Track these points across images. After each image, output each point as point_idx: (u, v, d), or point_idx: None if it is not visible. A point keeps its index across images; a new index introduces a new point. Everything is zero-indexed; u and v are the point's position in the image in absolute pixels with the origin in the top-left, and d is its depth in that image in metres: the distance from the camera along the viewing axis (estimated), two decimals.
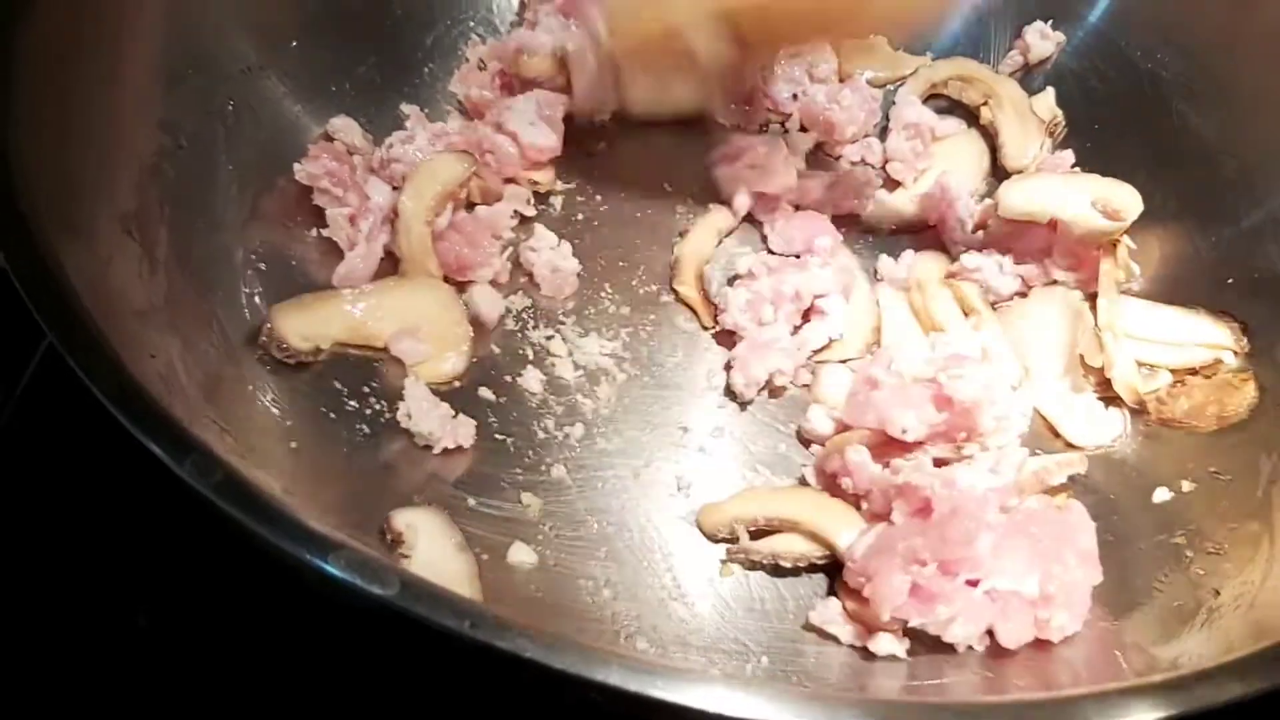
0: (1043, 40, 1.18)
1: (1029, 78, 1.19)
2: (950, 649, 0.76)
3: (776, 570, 0.85)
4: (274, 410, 0.86)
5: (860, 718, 0.51)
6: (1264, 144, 1.00)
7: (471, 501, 0.87)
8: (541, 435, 0.92)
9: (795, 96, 1.14)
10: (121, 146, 0.84)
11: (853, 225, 1.08)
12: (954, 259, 1.04)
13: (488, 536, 0.85)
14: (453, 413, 0.90)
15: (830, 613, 0.80)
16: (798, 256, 1.03)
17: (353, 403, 0.90)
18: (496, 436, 0.92)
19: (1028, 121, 1.13)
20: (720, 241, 1.07)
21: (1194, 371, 0.96)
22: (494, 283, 1.01)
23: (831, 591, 0.83)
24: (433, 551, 0.78)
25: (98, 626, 0.85)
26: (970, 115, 1.16)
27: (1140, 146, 1.09)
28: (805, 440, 0.94)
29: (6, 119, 0.71)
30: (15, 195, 0.67)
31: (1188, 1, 1.10)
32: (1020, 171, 1.10)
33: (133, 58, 0.85)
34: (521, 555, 0.84)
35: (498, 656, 0.51)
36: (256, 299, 0.91)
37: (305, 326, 0.90)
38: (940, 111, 1.16)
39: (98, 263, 0.74)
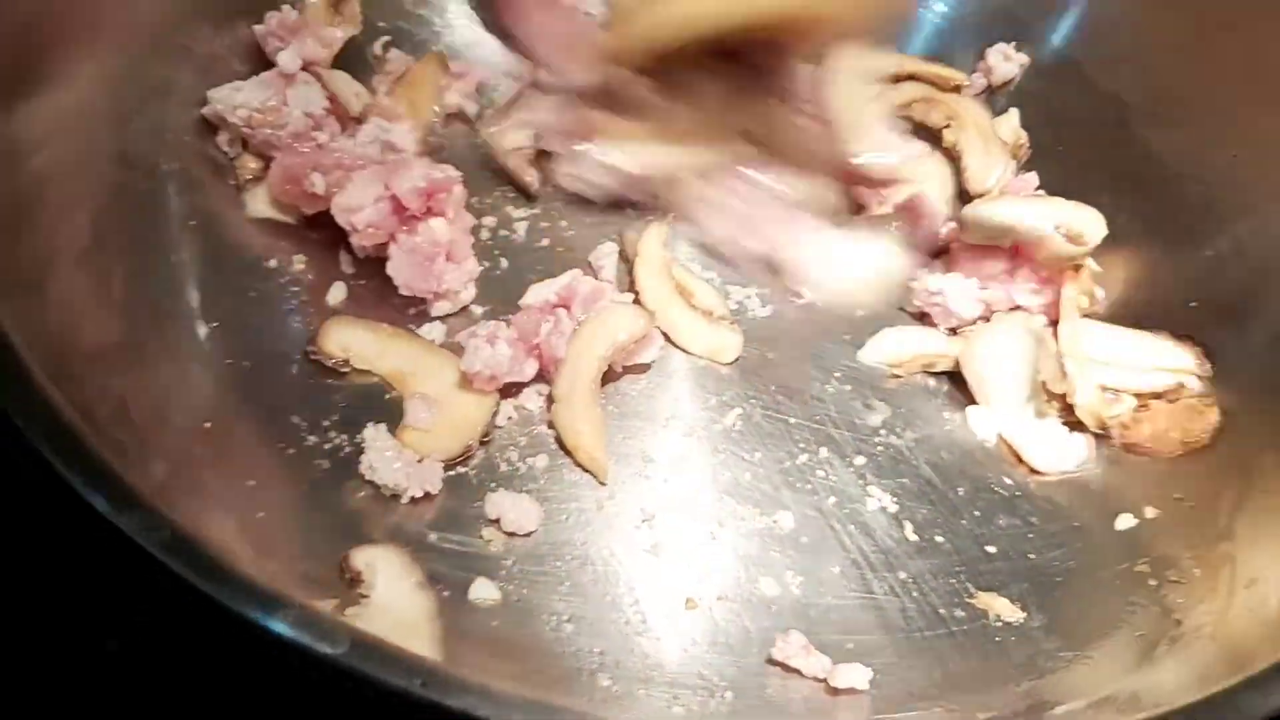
0: (1006, 62, 1.18)
1: (992, 99, 1.19)
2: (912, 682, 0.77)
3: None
4: (233, 447, 0.85)
5: None
6: (1227, 168, 1.00)
7: (433, 537, 0.86)
8: (505, 467, 0.91)
9: None
10: (77, 180, 0.83)
11: None
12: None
13: (449, 573, 0.83)
14: (417, 458, 0.88)
15: (792, 647, 0.80)
16: None
17: (312, 437, 0.89)
18: (458, 469, 0.91)
19: (991, 144, 1.13)
20: None
21: (1157, 396, 0.96)
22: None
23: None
24: (391, 591, 0.77)
25: (67, 651, 0.84)
26: (934, 138, 1.16)
27: (1103, 169, 1.09)
28: None
29: None
30: None
31: (1150, 24, 1.10)
32: (984, 194, 1.10)
33: (87, 83, 0.85)
34: (483, 592, 0.83)
35: (450, 714, 0.50)
36: (213, 336, 0.90)
37: (355, 344, 0.93)
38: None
39: (45, 305, 0.73)
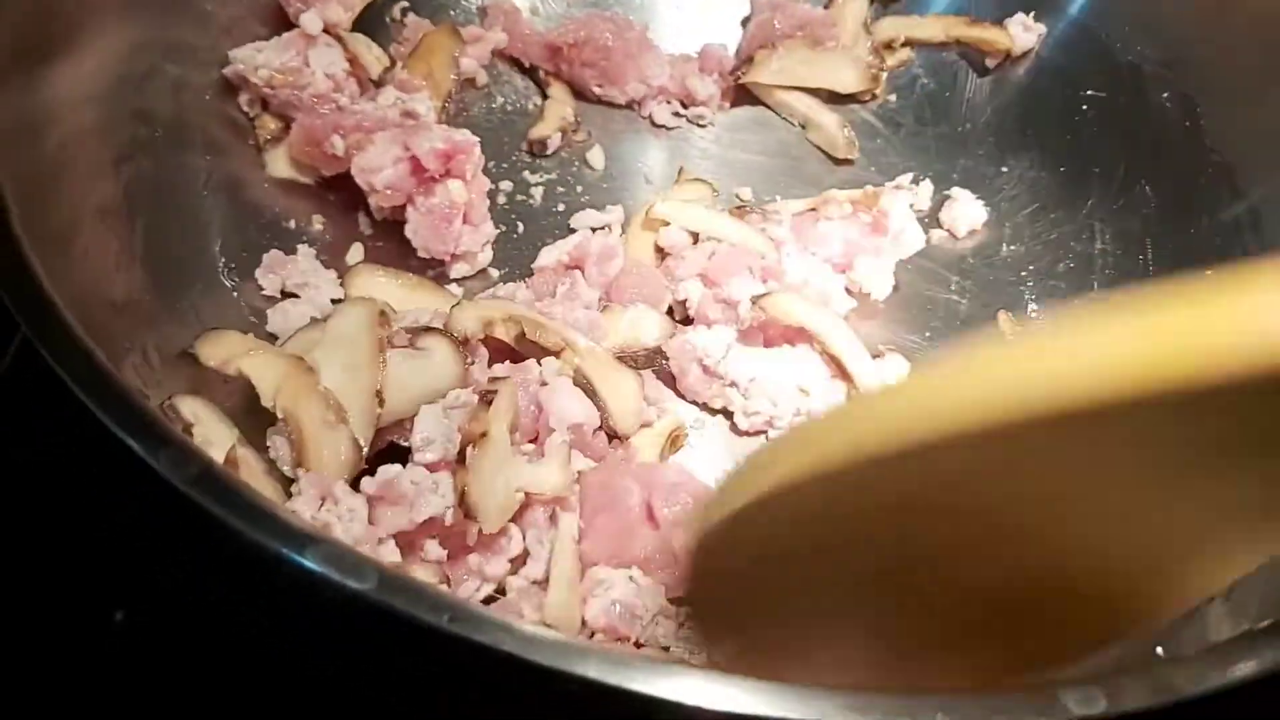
0: (1025, 32, 1.18)
1: (1011, 69, 1.19)
2: None
3: None
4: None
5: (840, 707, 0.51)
6: (1244, 136, 1.00)
7: None
8: None
9: None
10: (95, 138, 0.82)
11: None
12: None
13: None
14: None
15: None
16: None
17: None
18: None
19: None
20: None
21: None
22: None
23: None
24: None
25: (75, 622, 0.84)
26: None
27: (1121, 138, 1.09)
28: None
29: None
30: None
31: None
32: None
33: (105, 43, 0.84)
34: None
35: (475, 650, 0.50)
36: (235, 293, 0.91)
37: (377, 292, 0.90)
38: None
39: (73, 256, 0.73)
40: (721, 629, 0.63)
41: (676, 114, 1.16)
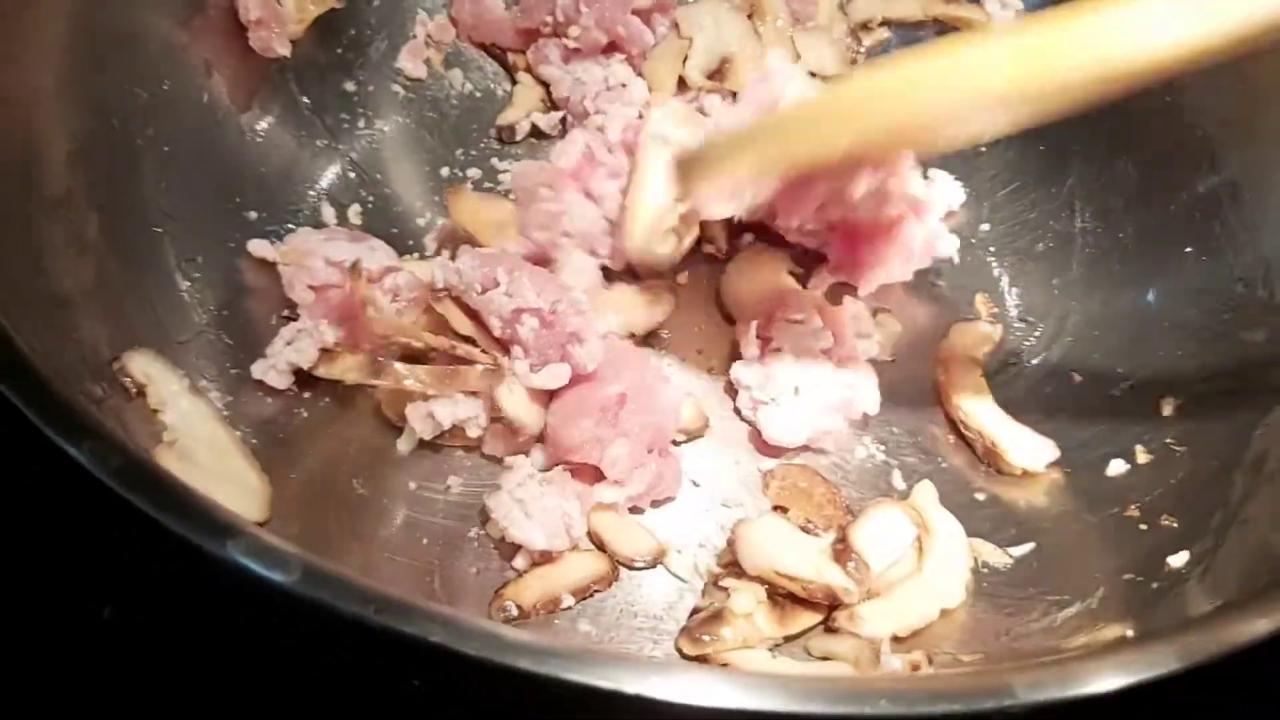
0: (1002, 9, 1.15)
1: None
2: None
3: None
4: (210, 396, 0.84)
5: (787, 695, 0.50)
6: (1222, 108, 0.98)
7: (411, 485, 0.86)
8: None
9: None
10: (47, 126, 0.81)
11: None
12: None
13: (431, 521, 0.84)
14: None
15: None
16: None
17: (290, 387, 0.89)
18: None
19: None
20: None
21: None
22: None
23: None
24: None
25: (62, 619, 0.83)
26: None
27: (1100, 115, 1.05)
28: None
29: None
30: None
31: None
32: None
33: (55, 31, 0.82)
34: None
35: (403, 641, 0.49)
36: (190, 284, 0.89)
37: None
38: None
39: (23, 244, 0.72)
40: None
41: None
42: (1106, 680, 0.51)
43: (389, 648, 0.73)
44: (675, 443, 0.89)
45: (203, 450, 0.77)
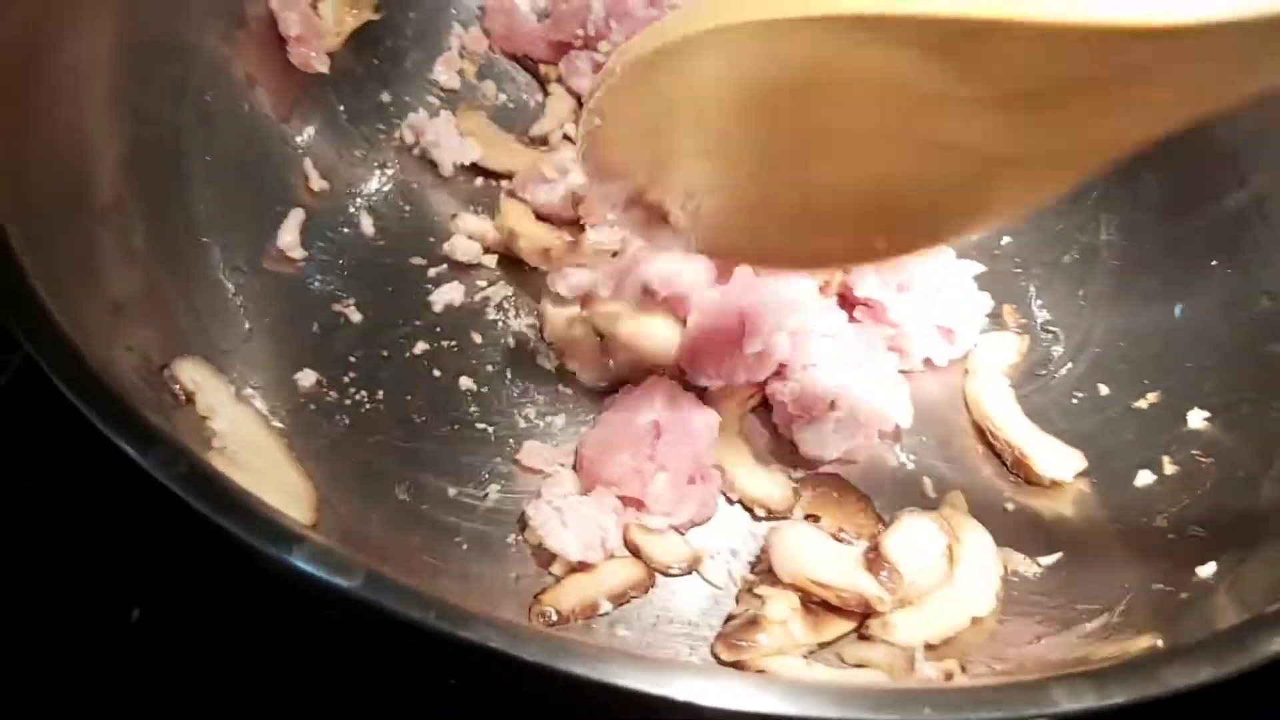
0: None
1: None
2: None
3: None
4: (256, 404, 0.86)
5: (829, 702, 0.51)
6: (1248, 122, 0.97)
7: (452, 491, 0.87)
8: (523, 424, 0.92)
9: None
10: (94, 136, 0.83)
11: None
12: None
13: (470, 526, 0.85)
14: None
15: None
16: None
17: (333, 393, 0.90)
18: (478, 425, 0.92)
19: None
20: None
21: None
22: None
23: None
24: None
25: (91, 620, 0.85)
26: None
27: None
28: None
29: None
30: None
31: None
32: None
33: (102, 44, 0.84)
34: None
35: (462, 646, 0.51)
36: (236, 291, 0.91)
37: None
38: None
39: (69, 256, 0.74)
40: (618, 164, 0.71)
41: None
42: (1141, 689, 0.53)
43: (423, 650, 0.75)
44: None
45: (251, 456, 0.79)
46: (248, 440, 0.81)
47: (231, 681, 0.83)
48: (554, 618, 0.79)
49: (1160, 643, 0.72)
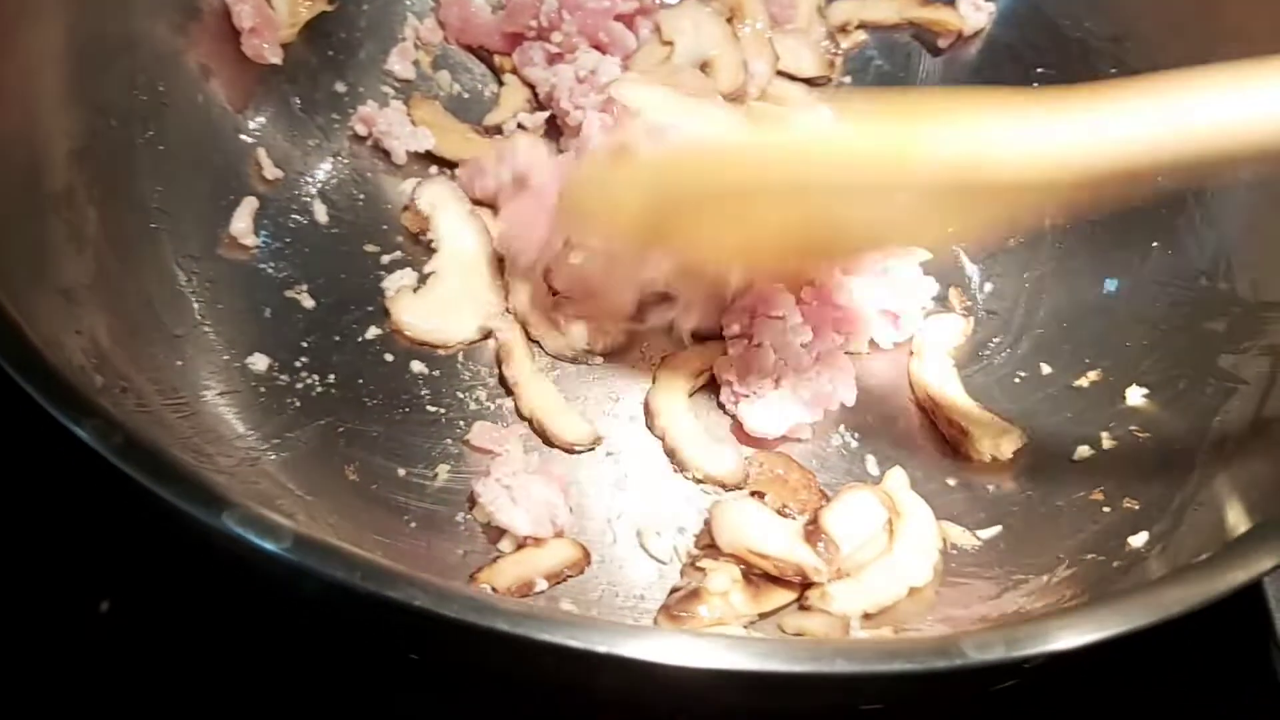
0: (975, 12, 1.18)
1: (963, 48, 1.20)
2: None
3: None
4: (210, 385, 0.87)
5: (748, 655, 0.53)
6: None
7: (401, 472, 0.89)
8: (474, 406, 0.94)
9: None
10: (47, 125, 0.84)
11: None
12: None
13: (420, 505, 0.87)
14: None
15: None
16: None
17: (284, 377, 0.92)
18: (429, 408, 0.93)
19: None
20: None
21: None
22: None
23: None
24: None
25: (61, 612, 0.86)
26: None
27: None
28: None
29: None
30: None
31: None
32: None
33: (55, 35, 0.85)
34: None
35: (390, 606, 0.52)
36: (187, 279, 0.92)
37: None
38: None
39: (19, 241, 0.75)
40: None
41: None
42: (1054, 641, 0.55)
43: (385, 632, 0.76)
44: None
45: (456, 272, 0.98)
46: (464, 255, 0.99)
47: (200, 672, 0.85)
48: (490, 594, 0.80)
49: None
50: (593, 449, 0.92)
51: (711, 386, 0.97)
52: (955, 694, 0.67)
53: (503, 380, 0.95)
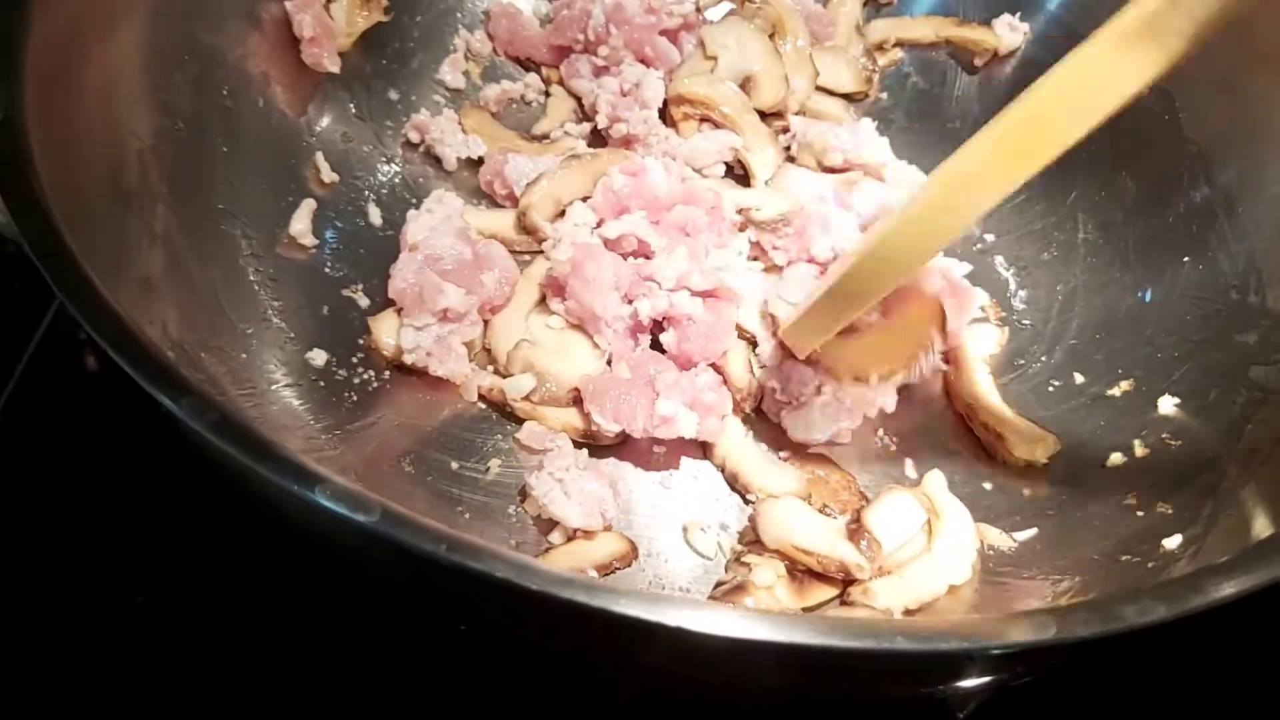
0: (1011, 32, 1.21)
1: (998, 67, 1.23)
2: None
3: None
4: (275, 378, 0.90)
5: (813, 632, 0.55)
6: (1217, 124, 1.03)
7: (454, 465, 0.91)
8: None
9: None
10: (122, 126, 0.87)
11: None
12: None
13: (473, 497, 0.90)
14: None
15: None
16: None
17: (341, 372, 0.94)
18: (479, 405, 0.96)
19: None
20: None
21: None
22: None
23: None
24: None
25: (97, 605, 0.88)
26: None
27: (1103, 131, 1.11)
28: None
29: (14, 99, 0.74)
30: (26, 169, 0.71)
31: None
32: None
33: (130, 42, 0.89)
34: None
35: (472, 578, 0.54)
36: (255, 274, 0.95)
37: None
38: None
39: (101, 233, 0.77)
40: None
41: None
42: (1101, 624, 0.57)
43: (444, 605, 0.78)
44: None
45: None
46: None
47: (232, 664, 0.87)
48: None
49: None
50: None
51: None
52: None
53: None
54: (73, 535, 0.91)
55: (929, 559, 0.86)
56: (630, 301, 0.96)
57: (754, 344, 0.98)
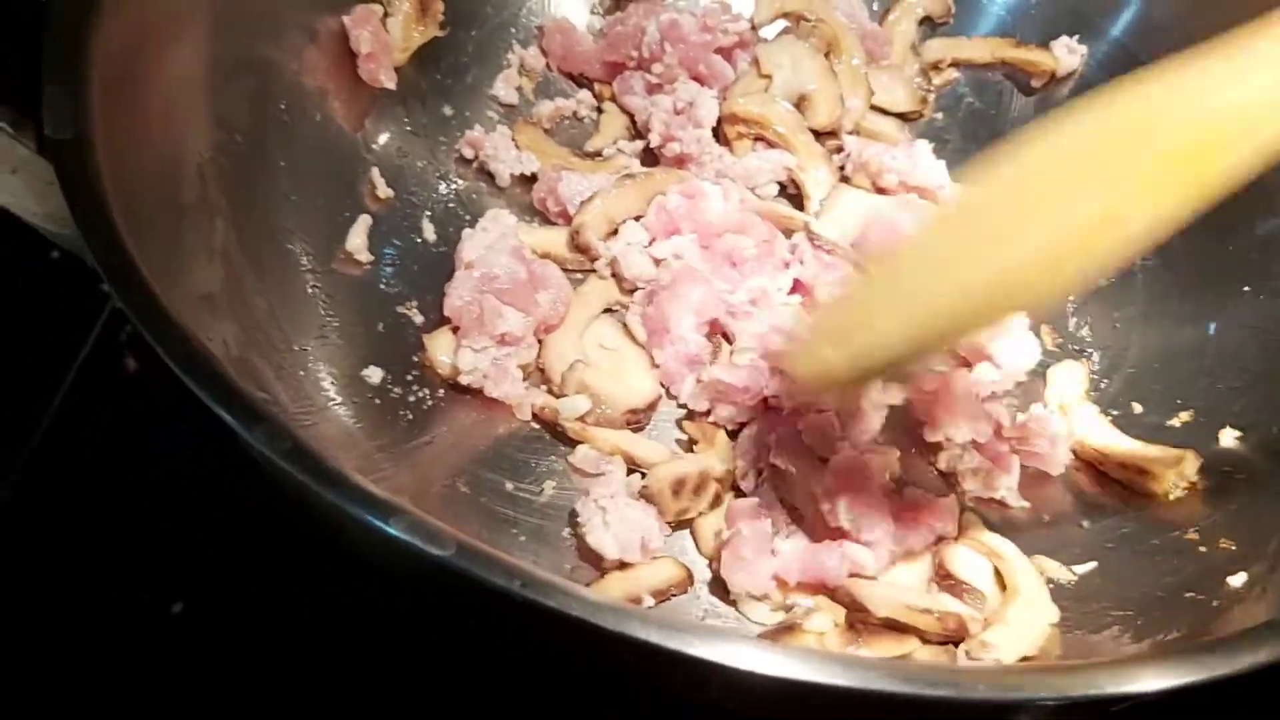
0: (1069, 54, 1.20)
1: (1056, 89, 1.22)
2: None
3: None
4: (330, 395, 0.90)
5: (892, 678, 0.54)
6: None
7: (509, 486, 0.91)
8: None
9: None
10: (182, 139, 0.87)
11: None
12: None
13: (527, 520, 0.89)
14: None
15: None
16: None
17: (396, 390, 0.94)
18: (533, 425, 0.96)
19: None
20: None
21: None
22: None
23: None
24: None
25: (135, 613, 0.89)
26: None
27: None
28: None
29: (81, 113, 0.74)
30: (95, 188, 0.71)
31: (1205, 15, 1.12)
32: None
33: (191, 55, 0.89)
34: None
35: (543, 614, 0.54)
36: (312, 290, 0.95)
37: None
38: None
39: (165, 249, 0.77)
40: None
41: None
42: (1195, 672, 0.56)
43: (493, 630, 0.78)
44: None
45: None
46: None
47: (267, 671, 0.87)
48: None
49: None
50: None
51: None
52: None
53: None
54: (111, 544, 0.92)
55: (1020, 600, 0.84)
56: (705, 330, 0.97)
57: None
